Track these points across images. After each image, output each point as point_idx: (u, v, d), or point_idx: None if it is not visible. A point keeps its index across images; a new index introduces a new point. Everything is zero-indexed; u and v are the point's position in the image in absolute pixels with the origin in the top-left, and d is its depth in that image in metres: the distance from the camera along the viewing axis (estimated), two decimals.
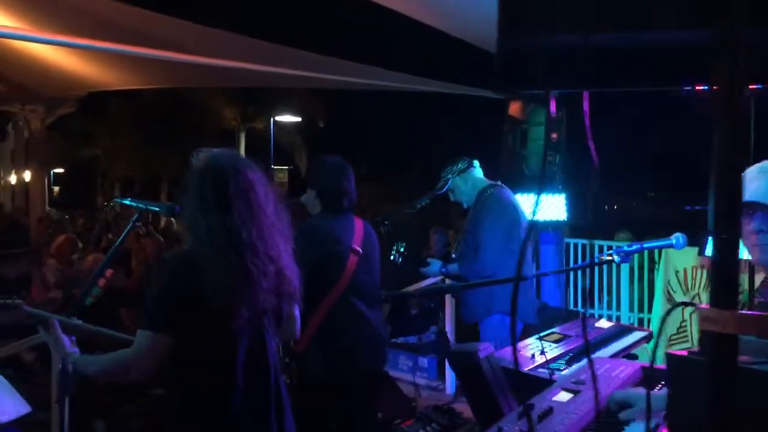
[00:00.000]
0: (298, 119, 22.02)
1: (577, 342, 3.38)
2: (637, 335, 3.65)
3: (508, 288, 4.13)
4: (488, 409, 2.13)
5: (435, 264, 4.62)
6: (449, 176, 4.53)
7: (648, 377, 2.39)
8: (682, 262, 6.63)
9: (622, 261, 2.98)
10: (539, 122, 6.00)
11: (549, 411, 1.96)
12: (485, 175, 4.64)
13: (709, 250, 5.48)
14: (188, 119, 23.37)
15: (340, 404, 3.50)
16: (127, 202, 2.74)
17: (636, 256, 5.35)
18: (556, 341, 3.37)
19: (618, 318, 7.03)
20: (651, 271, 7.14)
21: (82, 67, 11.66)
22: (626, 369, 2.46)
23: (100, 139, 26.35)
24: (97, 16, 8.07)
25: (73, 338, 2.40)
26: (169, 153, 26.20)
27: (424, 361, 6.74)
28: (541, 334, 3.52)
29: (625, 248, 2.97)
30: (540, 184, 5.58)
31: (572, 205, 5.88)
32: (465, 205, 4.61)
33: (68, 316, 2.50)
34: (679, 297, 6.78)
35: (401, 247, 4.43)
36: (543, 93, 5.99)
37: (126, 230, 2.77)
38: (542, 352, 3.06)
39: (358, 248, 3.54)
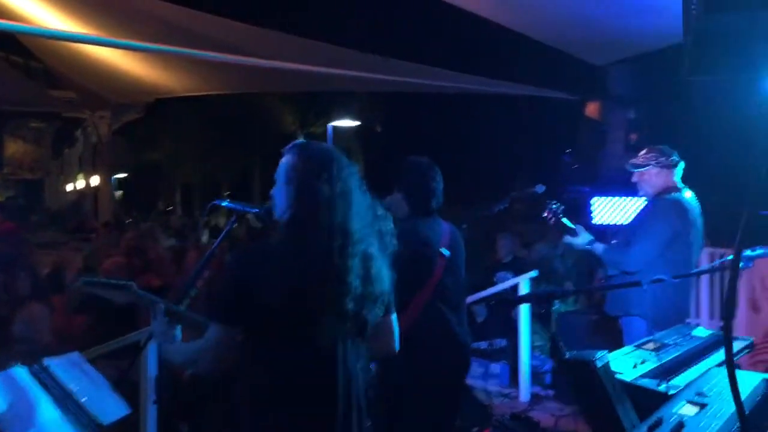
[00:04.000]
0: (356, 123, 22.05)
1: (677, 350, 3.22)
2: (740, 344, 3.46)
3: (650, 294, 4.06)
4: (606, 421, 2.01)
5: (584, 235, 4.47)
6: (651, 163, 4.36)
7: None
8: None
9: (745, 266, 2.80)
10: (618, 123, 5.80)
11: (680, 426, 1.83)
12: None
13: None
14: (249, 125, 23.70)
15: (423, 412, 3.40)
16: (225, 203, 2.71)
17: None
18: (654, 350, 3.21)
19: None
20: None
21: (149, 73, 11.93)
22: (748, 381, 2.31)
23: (163, 144, 26.96)
24: (163, 20, 8.21)
25: (179, 328, 2.41)
26: (230, 159, 26.65)
27: (496, 368, 6.61)
28: (637, 342, 3.38)
29: (749, 253, 2.80)
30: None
31: None
32: (641, 194, 4.48)
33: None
34: (765, 306, 6.47)
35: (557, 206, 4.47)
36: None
37: (224, 232, 2.74)
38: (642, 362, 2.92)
39: (447, 251, 3.45)
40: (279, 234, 2.22)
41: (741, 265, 2.77)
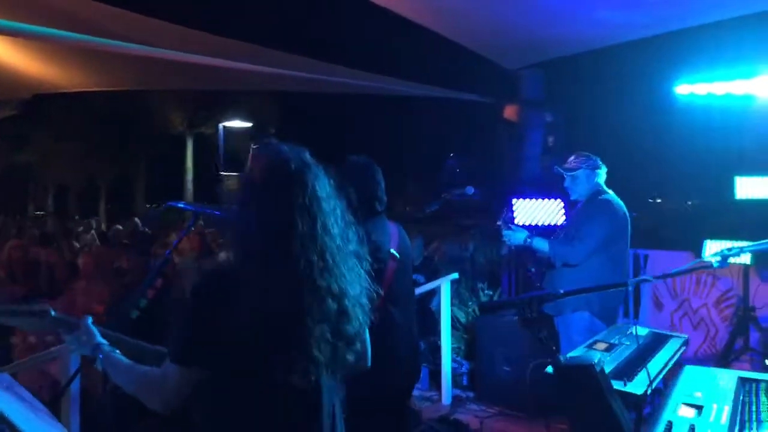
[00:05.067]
0: (249, 125, 21.52)
1: (628, 350, 3.26)
2: (677, 341, 3.55)
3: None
4: (605, 425, 1.96)
5: (521, 232, 4.71)
6: (582, 166, 4.63)
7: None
8: (669, 267, 6.65)
9: (721, 265, 2.86)
10: (537, 126, 5.91)
11: (692, 429, 1.80)
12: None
13: (707, 255, 5.46)
14: (133, 124, 22.60)
15: (379, 421, 3.27)
16: (181, 205, 2.44)
17: None
18: (606, 350, 3.24)
19: None
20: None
21: (27, 66, 11.02)
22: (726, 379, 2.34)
23: (38, 143, 25.22)
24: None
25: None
26: (110, 160, 25.26)
27: None
28: (586, 343, 3.40)
29: (725, 252, 2.86)
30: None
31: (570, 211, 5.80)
32: (573, 197, 4.77)
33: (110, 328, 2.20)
34: (667, 302, 6.81)
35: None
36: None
37: (181, 234, 2.48)
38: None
39: (396, 253, 3.33)
40: (239, 257, 1.87)
41: (717, 264, 2.84)
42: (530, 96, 6.55)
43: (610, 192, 4.67)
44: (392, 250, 3.34)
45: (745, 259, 5.59)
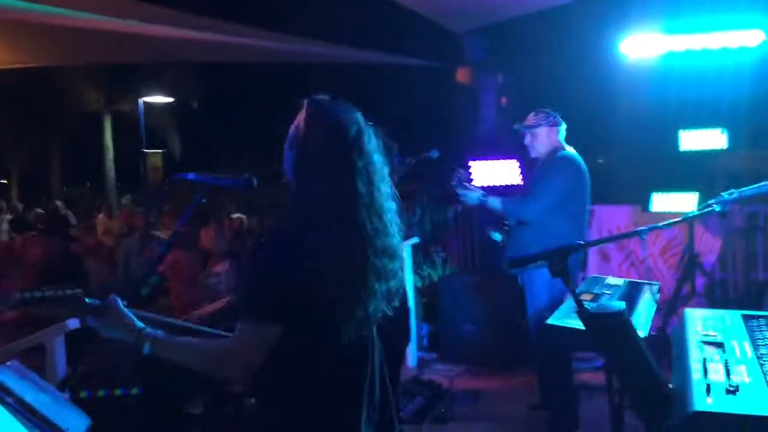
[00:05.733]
0: (170, 99, 20.83)
1: (612, 298, 3.39)
2: (653, 288, 3.71)
3: (557, 244, 4.22)
4: (639, 369, 2.04)
5: (475, 192, 4.74)
6: (542, 123, 4.61)
7: None
8: (613, 222, 6.91)
9: (722, 210, 2.99)
10: (488, 89, 5.98)
11: (727, 365, 1.91)
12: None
13: (654, 207, 5.69)
14: (43, 102, 21.43)
15: None
16: (191, 177, 2.33)
17: None
18: (593, 300, 3.36)
19: None
20: None
21: None
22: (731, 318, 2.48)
23: None
24: None
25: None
26: (20, 141, 23.92)
27: None
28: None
29: (725, 196, 2.98)
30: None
31: (526, 170, 5.93)
32: (533, 155, 4.73)
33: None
34: (614, 255, 7.08)
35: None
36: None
37: (189, 210, 2.37)
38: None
39: None
40: (303, 219, 1.88)
41: (719, 208, 2.97)
42: (476, 59, 6.61)
43: (570, 149, 4.68)
44: None
45: (690, 207, 5.85)
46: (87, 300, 1.97)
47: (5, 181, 27.94)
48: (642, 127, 6.52)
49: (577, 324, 2.76)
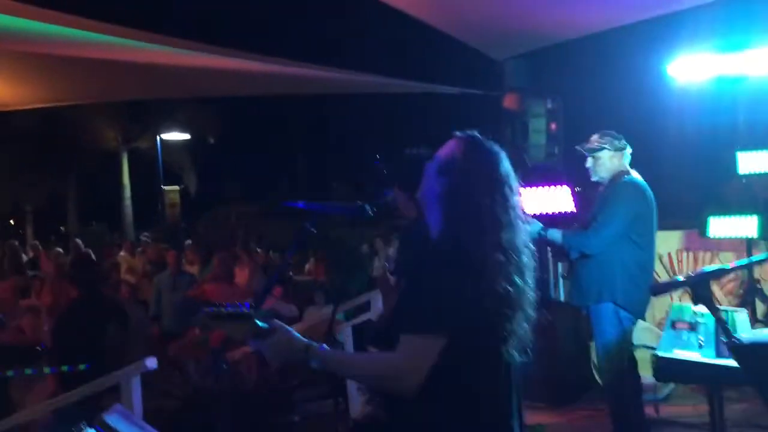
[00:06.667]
0: (186, 136, 20.86)
1: (710, 326, 3.23)
2: (741, 314, 3.54)
3: (621, 275, 4.13)
4: None
5: (534, 224, 4.33)
6: (606, 146, 4.42)
7: None
8: (665, 247, 6.72)
9: None
10: (538, 114, 5.87)
11: None
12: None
13: (712, 232, 5.51)
14: (60, 142, 21.47)
15: None
16: (301, 205, 2.22)
17: None
18: (691, 329, 3.20)
19: None
20: None
21: None
22: None
23: None
24: None
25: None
26: (37, 180, 23.93)
27: None
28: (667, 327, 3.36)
29: None
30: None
31: (578, 197, 5.80)
32: (595, 179, 4.54)
33: None
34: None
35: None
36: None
37: (297, 241, 2.25)
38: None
39: None
40: (453, 238, 1.94)
41: None
42: (519, 85, 6.52)
43: (636, 174, 4.47)
44: None
45: (750, 231, 5.68)
46: (257, 321, 1.96)
47: (12, 222, 27.96)
48: (696, 149, 6.38)
49: (694, 356, 2.63)
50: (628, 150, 4.52)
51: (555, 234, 4.45)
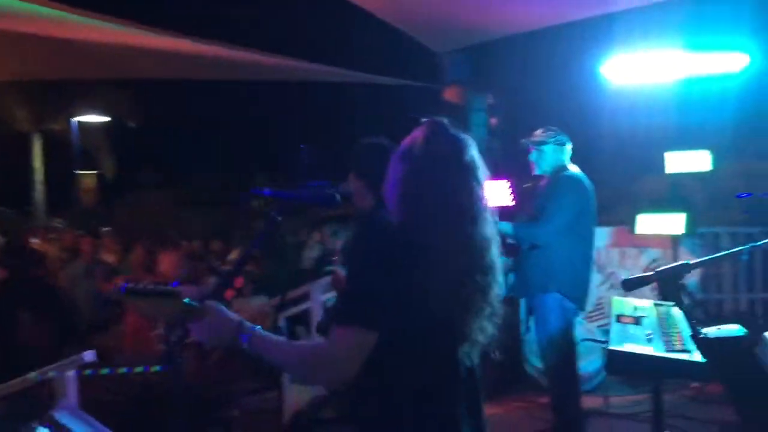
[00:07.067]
0: (106, 119, 20.02)
1: (653, 320, 3.30)
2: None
3: (567, 267, 4.19)
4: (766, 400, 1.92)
5: None
6: (550, 141, 4.57)
7: None
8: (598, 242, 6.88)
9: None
10: (479, 108, 5.90)
11: None
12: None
13: (640, 228, 5.69)
14: None
15: None
16: (267, 192, 2.11)
17: None
18: (636, 323, 3.26)
19: None
20: None
21: None
22: None
23: None
24: None
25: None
26: None
27: None
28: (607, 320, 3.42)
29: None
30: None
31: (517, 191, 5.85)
32: (538, 172, 4.68)
33: None
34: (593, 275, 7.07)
35: None
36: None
37: (265, 231, 2.15)
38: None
39: None
40: (415, 221, 1.83)
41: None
42: (459, 79, 6.55)
43: (576, 168, 4.64)
44: None
45: (677, 228, 5.88)
46: (186, 300, 1.83)
47: None
48: (626, 149, 6.57)
49: (646, 350, 2.67)
50: (569, 146, 4.68)
51: (505, 225, 4.52)
